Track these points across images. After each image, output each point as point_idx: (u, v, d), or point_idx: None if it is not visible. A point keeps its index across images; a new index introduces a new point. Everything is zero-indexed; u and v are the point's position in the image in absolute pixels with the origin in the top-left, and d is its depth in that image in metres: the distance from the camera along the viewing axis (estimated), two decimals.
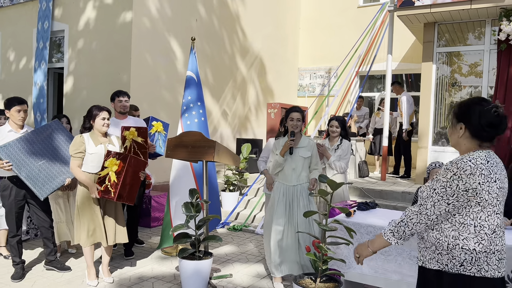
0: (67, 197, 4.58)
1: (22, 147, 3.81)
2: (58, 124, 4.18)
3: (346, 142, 4.57)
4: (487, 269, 1.78)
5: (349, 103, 10.61)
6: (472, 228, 1.81)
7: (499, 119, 1.81)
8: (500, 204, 1.83)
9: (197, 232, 3.82)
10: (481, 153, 1.83)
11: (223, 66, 8.81)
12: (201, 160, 4.04)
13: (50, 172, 3.91)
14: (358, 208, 3.91)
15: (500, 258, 1.82)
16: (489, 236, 1.80)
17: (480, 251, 1.79)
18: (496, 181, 1.80)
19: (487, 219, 1.80)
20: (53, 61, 7.99)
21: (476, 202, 1.79)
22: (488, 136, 1.85)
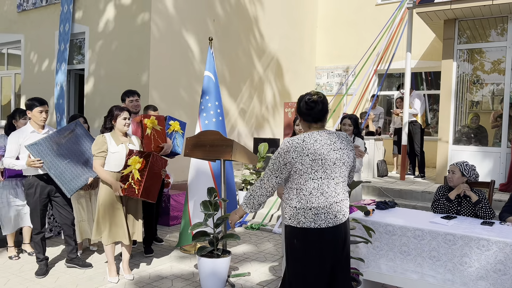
0: (89, 196, 4.68)
1: (49, 145, 3.92)
2: (79, 124, 4.28)
3: (359, 140, 4.54)
4: (304, 221, 2.36)
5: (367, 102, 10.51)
6: (295, 191, 2.41)
7: (312, 104, 2.43)
8: (317, 172, 2.37)
9: (215, 230, 3.85)
10: (303, 135, 2.42)
11: (241, 65, 8.84)
12: (218, 159, 4.08)
13: (75, 171, 4.02)
14: (376, 207, 3.89)
15: (316, 213, 2.36)
16: (307, 197, 2.37)
17: (300, 208, 2.38)
18: (309, 155, 2.37)
19: (305, 183, 2.38)
20: (74, 62, 8.17)
21: (294, 171, 2.39)
22: (311, 118, 2.46)
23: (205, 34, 7.68)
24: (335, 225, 2.40)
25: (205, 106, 4.96)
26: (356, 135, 4.57)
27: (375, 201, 4.17)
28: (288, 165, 2.41)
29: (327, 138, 2.45)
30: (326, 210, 2.38)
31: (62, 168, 3.94)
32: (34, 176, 3.99)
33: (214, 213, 3.80)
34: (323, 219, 2.37)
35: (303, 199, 2.39)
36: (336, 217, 2.40)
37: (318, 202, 2.38)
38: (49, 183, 4.02)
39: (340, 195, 2.45)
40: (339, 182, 2.44)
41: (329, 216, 2.39)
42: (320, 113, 2.47)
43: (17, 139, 3.94)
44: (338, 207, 2.43)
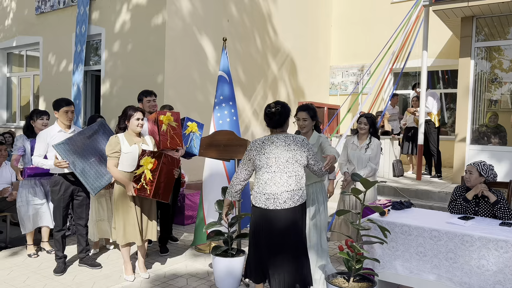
0: (109, 196, 4.73)
1: (75, 145, 4.02)
2: (104, 124, 4.36)
3: (376, 141, 4.50)
4: (258, 202, 3.05)
5: (383, 101, 10.41)
6: (257, 179, 3.09)
7: (271, 115, 3.08)
8: (271, 167, 3.02)
9: (230, 229, 3.87)
10: (264, 137, 3.12)
11: (255, 65, 8.85)
12: (233, 159, 4.09)
13: (99, 170, 4.11)
14: (392, 207, 3.85)
15: (267, 198, 3.01)
16: (262, 185, 3.04)
17: (257, 192, 3.07)
18: (265, 154, 3.04)
19: (262, 175, 3.05)
20: (91, 63, 8.29)
21: (255, 165, 3.10)
22: (270, 124, 3.12)
23: (220, 34, 7.71)
24: (283, 209, 3.00)
25: (219, 106, 4.98)
26: (373, 134, 4.53)
27: (391, 201, 4.13)
28: (251, 160, 3.11)
29: (283, 140, 3.06)
30: (276, 196, 3.00)
31: (87, 167, 4.03)
32: (60, 174, 4.09)
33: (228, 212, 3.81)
34: (272, 203, 3.01)
35: (260, 186, 3.05)
36: (285, 203, 3.00)
37: (270, 190, 3.01)
38: (74, 182, 4.12)
39: (292, 185, 3.02)
40: (291, 176, 3.02)
41: (278, 201, 3.00)
42: (278, 121, 3.08)
43: (45, 138, 4.07)
44: (289, 195, 3.01)
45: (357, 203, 4.43)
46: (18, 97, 10.34)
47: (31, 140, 4.59)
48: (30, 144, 4.56)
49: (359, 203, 3.78)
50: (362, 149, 4.49)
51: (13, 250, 4.84)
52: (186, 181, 6.25)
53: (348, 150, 4.61)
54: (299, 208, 3.06)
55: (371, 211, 3.96)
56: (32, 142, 4.55)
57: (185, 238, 5.49)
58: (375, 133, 4.56)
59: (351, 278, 3.14)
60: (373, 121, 4.54)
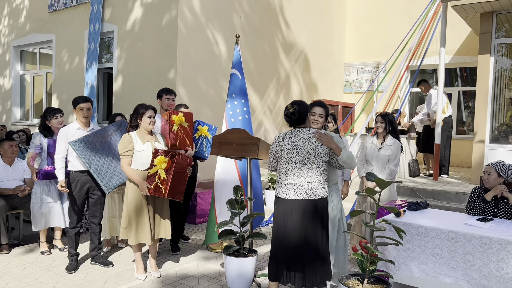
0: (122, 193, 4.77)
1: (92, 143, 4.11)
2: (124, 123, 4.43)
3: (396, 143, 4.45)
4: (280, 192, 3.24)
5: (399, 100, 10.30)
6: (279, 170, 3.30)
7: (290, 115, 3.27)
8: (292, 158, 3.20)
9: (242, 229, 3.87)
10: (287, 131, 3.33)
11: (267, 61, 8.84)
12: (245, 158, 4.09)
13: (116, 168, 4.19)
14: (408, 208, 3.81)
15: (288, 188, 3.19)
16: (284, 175, 3.24)
17: (279, 182, 3.27)
18: (286, 145, 3.24)
19: (283, 166, 3.25)
20: (103, 61, 8.38)
21: (277, 156, 3.30)
22: (291, 124, 3.32)
23: (232, 30, 7.71)
24: (303, 199, 3.15)
25: (231, 105, 4.98)
26: (390, 133, 4.48)
27: (407, 202, 4.09)
28: (273, 152, 3.35)
29: (304, 133, 3.26)
30: (297, 186, 3.17)
31: (103, 165, 4.11)
32: (77, 171, 4.17)
33: (240, 211, 3.82)
34: (292, 193, 3.18)
35: (282, 176, 3.26)
36: (305, 193, 3.16)
37: (291, 180, 3.20)
38: (90, 180, 4.20)
39: (313, 177, 3.18)
40: (312, 168, 3.18)
41: (298, 191, 3.17)
42: (297, 120, 3.29)
43: (65, 136, 4.15)
44: (309, 186, 3.17)
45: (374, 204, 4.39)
46: (31, 95, 10.51)
47: (48, 139, 4.65)
48: (47, 142, 4.63)
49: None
50: (381, 149, 4.45)
51: (26, 248, 4.92)
52: (198, 179, 6.27)
53: (366, 150, 4.58)
54: (320, 202, 3.18)
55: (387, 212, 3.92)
56: (49, 140, 4.62)
57: (197, 237, 5.52)
58: (395, 132, 4.51)
59: (365, 280, 3.11)
60: (390, 120, 4.49)
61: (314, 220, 3.17)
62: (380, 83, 9.86)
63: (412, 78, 9.86)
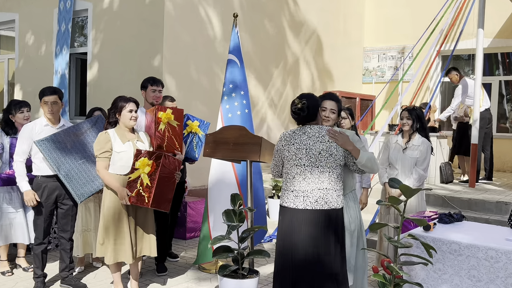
0: (99, 201, 4.75)
1: (62, 142, 4.08)
2: (102, 119, 4.42)
3: (425, 142, 4.45)
4: (286, 201, 3.22)
5: (428, 91, 10.29)
6: (285, 174, 3.29)
7: (298, 111, 3.25)
8: (301, 160, 3.18)
9: (240, 245, 3.87)
10: (295, 128, 3.34)
11: (272, 46, 8.83)
12: (244, 160, 4.09)
13: (90, 173, 4.17)
14: (439, 220, 3.81)
15: (296, 195, 3.16)
16: (291, 180, 3.21)
17: (285, 189, 3.25)
18: (294, 144, 3.22)
19: (290, 169, 3.23)
20: (75, 45, 8.38)
21: (283, 157, 3.28)
22: (299, 121, 3.32)
23: (229, 8, 7.70)
24: (314, 209, 3.11)
25: (228, 97, 4.98)
26: (418, 131, 4.47)
27: (438, 213, 4.08)
28: (279, 152, 3.32)
29: (316, 131, 3.22)
30: (306, 194, 3.14)
31: (75, 169, 4.09)
32: (44, 176, 4.13)
33: (239, 224, 3.82)
34: (301, 202, 3.14)
35: (288, 182, 3.23)
36: (316, 202, 3.13)
37: (299, 186, 3.17)
38: (59, 187, 4.16)
39: (325, 183, 3.15)
40: (324, 171, 3.16)
41: (308, 200, 3.13)
42: (307, 117, 3.26)
43: (29, 134, 4.11)
44: (321, 193, 3.14)
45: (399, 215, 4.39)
46: None
47: (11, 137, 4.65)
48: (10, 141, 4.62)
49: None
50: (407, 150, 4.44)
51: None
52: (188, 186, 6.28)
53: (390, 152, 4.57)
54: (334, 213, 3.17)
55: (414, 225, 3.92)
56: (12, 139, 4.62)
57: (187, 255, 5.52)
58: (424, 131, 4.50)
59: None
60: (419, 116, 4.49)
61: (326, 234, 3.14)
62: (406, 71, 9.84)
63: (444, 65, 9.84)
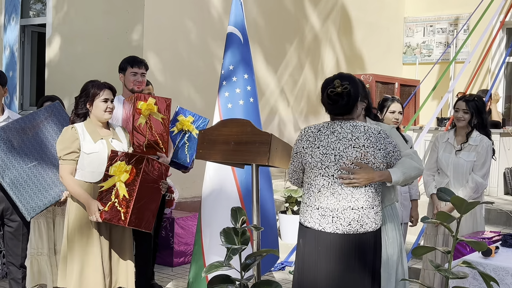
0: (52, 216, 4.77)
1: (6, 140, 4.05)
2: (59, 109, 4.41)
3: (485, 141, 4.44)
4: (309, 220, 3.16)
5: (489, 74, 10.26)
6: (307, 185, 3.24)
7: (336, 97, 3.10)
8: (329, 169, 3.12)
9: (244, 274, 3.88)
10: (321, 123, 3.25)
11: (284, 17, 8.83)
12: (249, 164, 4.10)
13: (43, 180, 4.14)
14: (502, 243, 3.82)
15: (323, 214, 3.12)
16: (315, 194, 3.16)
17: (308, 205, 3.19)
18: (320, 148, 3.15)
19: (314, 179, 3.17)
20: (31, 15, 8.41)
21: (304, 163, 3.22)
22: (334, 111, 3.20)
23: None
24: (346, 233, 3.09)
25: (228, 81, 4.99)
26: (478, 128, 4.46)
27: (501, 234, 4.07)
28: (298, 155, 3.27)
29: (349, 131, 3.14)
30: (336, 213, 3.11)
31: (24, 175, 4.05)
32: None
33: (241, 247, 3.82)
34: (330, 222, 3.11)
35: (312, 196, 3.19)
36: (350, 225, 3.09)
37: (326, 203, 3.13)
38: (4, 198, 4.14)
39: (360, 201, 3.11)
40: (358, 187, 3.10)
41: (339, 221, 3.10)
42: (345, 107, 3.16)
43: None
44: (355, 214, 3.10)
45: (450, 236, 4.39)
46: None
47: None
48: None
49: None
50: (462, 152, 4.44)
51: None
52: (176, 197, 6.29)
53: (438, 154, 4.56)
54: (371, 237, 3.16)
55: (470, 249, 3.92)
56: None
57: (175, 286, 5.53)
58: (484, 127, 4.50)
59: None
60: (479, 109, 4.48)
61: (360, 265, 3.15)
62: (460, 48, 9.81)
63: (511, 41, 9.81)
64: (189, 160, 4.86)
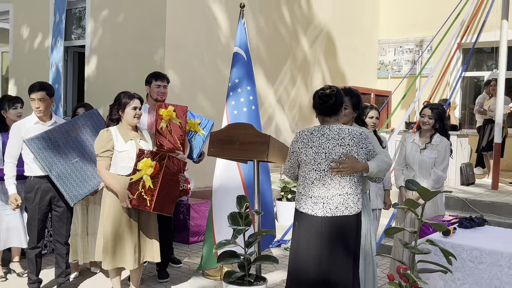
0: (86, 204, 4.76)
1: (54, 141, 4.09)
2: (97, 115, 4.43)
3: (444, 141, 4.44)
4: (304, 207, 3.24)
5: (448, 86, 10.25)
6: (302, 178, 3.29)
7: (325, 98, 3.19)
8: (320, 164, 3.19)
9: (247, 250, 3.88)
10: (314, 127, 3.29)
11: (280, 40, 8.82)
12: (251, 160, 4.10)
13: (84, 173, 4.19)
14: (459, 225, 3.81)
15: (315, 202, 3.19)
16: (309, 185, 3.22)
17: (303, 194, 3.26)
18: (312, 147, 3.21)
19: (308, 173, 3.24)
20: (73, 37, 8.42)
21: (300, 160, 3.28)
22: (323, 111, 3.25)
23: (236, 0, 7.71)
24: (333, 216, 3.16)
25: (233, 92, 4.99)
26: (439, 131, 4.46)
27: (458, 217, 4.07)
28: (295, 154, 3.31)
29: (336, 133, 3.20)
30: (326, 200, 3.17)
31: (68, 169, 4.10)
32: (36, 177, 4.14)
33: (245, 228, 3.82)
34: (320, 208, 3.17)
35: (307, 187, 3.24)
36: (337, 208, 3.17)
37: (318, 192, 3.19)
38: (53, 188, 4.16)
39: (346, 188, 3.19)
40: (345, 176, 3.18)
41: (328, 206, 3.17)
42: (333, 107, 3.22)
43: (19, 133, 4.12)
44: (342, 199, 3.18)
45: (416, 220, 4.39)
46: None
47: (2, 134, 4.69)
48: (2, 139, 4.66)
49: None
50: (425, 150, 4.44)
51: None
52: (191, 187, 6.29)
53: (406, 152, 4.56)
54: (354, 218, 3.23)
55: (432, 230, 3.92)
56: (3, 137, 4.65)
57: (190, 260, 5.54)
58: (444, 131, 4.50)
59: None
60: (441, 115, 4.48)
61: (346, 243, 3.21)
62: (425, 65, 9.81)
63: (466, 59, 9.80)
64: (194, 156, 4.87)
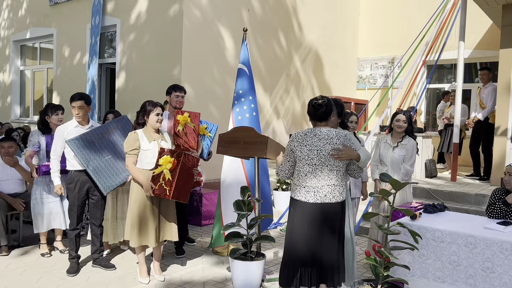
0: (115, 193, 4.80)
1: (90, 141, 4.16)
2: (126, 120, 4.45)
3: (411, 141, 4.43)
4: (298, 195, 3.27)
5: (415, 96, 10.24)
6: (297, 171, 3.30)
7: (317, 106, 3.27)
8: (313, 160, 3.21)
9: (249, 231, 3.88)
10: (307, 129, 3.31)
11: (276, 57, 8.83)
12: (252, 157, 4.10)
13: (115, 168, 4.23)
14: (424, 210, 3.80)
15: (307, 191, 3.22)
16: (303, 177, 3.25)
17: (297, 185, 3.28)
18: (307, 146, 3.24)
19: (302, 167, 3.25)
20: (105, 56, 8.43)
21: (295, 157, 3.29)
22: (315, 117, 3.30)
23: (240, 25, 7.72)
24: (323, 203, 3.20)
25: (238, 101, 4.99)
26: (408, 133, 4.46)
27: (423, 204, 4.07)
28: (292, 152, 3.31)
29: (325, 134, 3.26)
30: (316, 189, 3.21)
31: (102, 165, 4.15)
32: (76, 171, 4.22)
33: (247, 213, 3.83)
34: (312, 196, 3.21)
35: (300, 178, 3.27)
36: (325, 196, 3.21)
37: (311, 183, 3.23)
38: (90, 180, 4.23)
39: (333, 180, 3.23)
40: (333, 170, 3.23)
41: (318, 195, 3.21)
42: (323, 114, 3.29)
43: (62, 135, 4.23)
44: (330, 189, 3.22)
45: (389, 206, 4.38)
46: (32, 91, 10.62)
47: (46, 136, 4.71)
48: (45, 140, 4.68)
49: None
50: (396, 149, 4.44)
51: (25, 249, 4.98)
52: (203, 179, 6.29)
53: (380, 150, 4.56)
54: (339, 205, 3.27)
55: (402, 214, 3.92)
56: (47, 138, 4.68)
57: (202, 239, 5.55)
58: (411, 132, 4.50)
59: (378, 285, 3.11)
60: (411, 120, 4.48)
61: (332, 225, 3.24)
62: (395, 78, 9.81)
63: (429, 73, 9.79)
64: (204, 155, 4.87)
